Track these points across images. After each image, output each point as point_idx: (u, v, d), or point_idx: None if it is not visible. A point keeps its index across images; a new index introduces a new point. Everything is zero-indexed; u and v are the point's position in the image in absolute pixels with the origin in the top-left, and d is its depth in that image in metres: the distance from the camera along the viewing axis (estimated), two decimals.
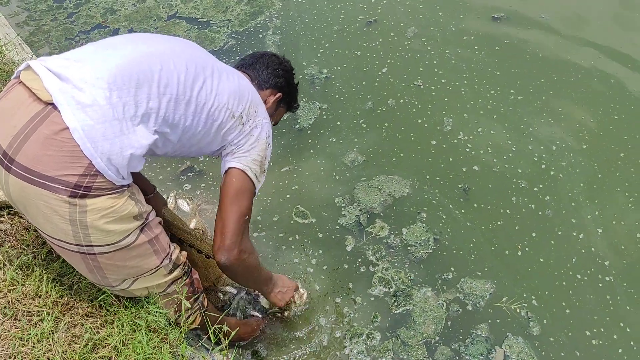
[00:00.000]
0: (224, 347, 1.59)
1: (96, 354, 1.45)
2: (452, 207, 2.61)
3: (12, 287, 1.52)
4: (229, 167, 1.55)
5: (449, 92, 3.19)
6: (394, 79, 3.29)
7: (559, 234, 2.50)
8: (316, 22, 3.74)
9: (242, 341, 2.08)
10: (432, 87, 3.22)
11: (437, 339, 2.15)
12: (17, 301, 1.49)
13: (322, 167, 2.82)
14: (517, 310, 2.23)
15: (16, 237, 1.68)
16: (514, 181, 2.72)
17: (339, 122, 3.04)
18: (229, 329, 1.64)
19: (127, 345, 1.49)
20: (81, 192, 1.22)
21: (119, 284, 1.45)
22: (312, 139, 2.97)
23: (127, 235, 1.33)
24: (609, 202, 2.62)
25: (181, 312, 1.58)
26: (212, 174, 2.79)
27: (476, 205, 2.62)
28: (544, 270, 2.37)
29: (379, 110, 3.11)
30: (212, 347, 1.72)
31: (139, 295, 1.53)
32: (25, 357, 1.37)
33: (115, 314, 1.55)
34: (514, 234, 2.50)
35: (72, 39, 3.64)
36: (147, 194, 1.85)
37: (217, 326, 1.66)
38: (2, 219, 1.73)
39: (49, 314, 1.48)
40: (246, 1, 3.95)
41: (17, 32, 3.56)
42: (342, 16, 3.78)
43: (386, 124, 3.03)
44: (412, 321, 2.20)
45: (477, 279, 2.33)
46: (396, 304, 2.26)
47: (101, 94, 1.24)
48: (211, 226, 2.44)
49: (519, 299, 2.27)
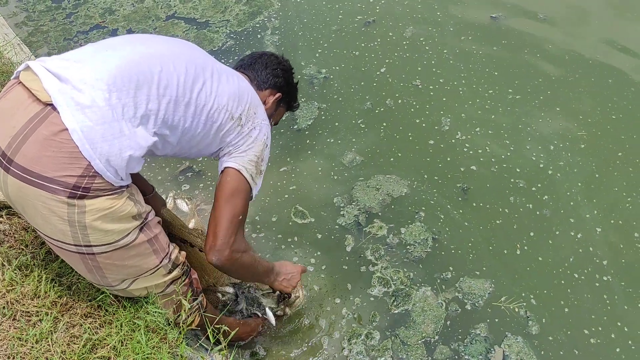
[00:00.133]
0: (223, 347, 1.59)
1: (95, 354, 1.45)
2: (450, 206, 2.62)
3: (11, 288, 1.52)
4: (225, 167, 1.55)
5: (447, 91, 3.20)
6: (392, 79, 3.30)
7: (557, 233, 2.50)
8: (315, 22, 3.75)
9: (241, 341, 2.08)
10: (430, 87, 3.23)
11: (437, 338, 2.15)
12: (16, 301, 1.49)
13: (321, 167, 2.82)
14: (515, 309, 2.24)
15: (15, 237, 1.68)
16: (512, 181, 2.72)
17: (337, 123, 3.05)
18: (227, 328, 1.64)
19: (126, 345, 1.50)
20: (80, 193, 1.22)
21: (119, 284, 1.45)
22: (310, 140, 2.97)
23: (126, 234, 1.33)
24: (607, 202, 2.63)
25: (180, 312, 1.59)
26: (211, 174, 2.80)
27: (474, 204, 2.63)
28: (542, 269, 2.37)
29: (377, 110, 3.11)
30: (211, 347, 1.72)
31: (138, 295, 1.53)
32: (24, 358, 1.37)
33: (114, 314, 1.55)
34: (512, 233, 2.51)
35: (71, 39, 3.64)
36: (145, 195, 1.85)
37: (216, 326, 1.66)
38: (1, 219, 1.73)
39: (47, 314, 1.48)
40: (245, 1, 3.95)
41: (15, 32, 3.56)
42: (340, 16, 3.78)
43: (384, 124, 3.03)
44: (411, 321, 2.20)
45: (475, 278, 2.34)
46: (395, 303, 2.26)
47: (100, 95, 1.24)
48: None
49: (517, 298, 2.27)
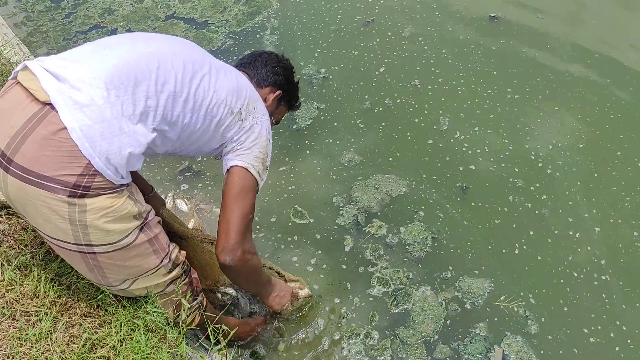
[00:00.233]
0: (222, 347, 1.59)
1: (94, 353, 1.45)
2: (449, 206, 2.62)
3: (11, 287, 1.52)
4: (231, 166, 1.54)
5: (445, 91, 3.20)
6: (391, 79, 3.30)
7: (556, 232, 2.51)
8: (314, 22, 3.75)
9: (240, 341, 2.08)
10: (429, 87, 3.23)
11: (436, 337, 2.16)
12: (16, 301, 1.49)
13: (320, 167, 2.82)
14: (514, 308, 2.24)
15: (14, 237, 1.68)
16: (511, 180, 2.72)
17: (336, 123, 3.05)
18: (227, 328, 1.64)
19: (125, 345, 1.49)
20: (80, 192, 1.22)
21: (119, 284, 1.45)
22: (309, 139, 2.97)
23: (127, 234, 1.33)
24: (605, 201, 2.63)
25: (180, 311, 1.59)
26: (210, 174, 2.80)
27: (473, 204, 2.63)
28: (541, 268, 2.38)
29: (376, 109, 3.12)
30: (211, 346, 1.72)
31: (138, 295, 1.53)
32: (23, 357, 1.37)
33: (113, 313, 1.55)
34: (511, 232, 2.51)
35: (70, 39, 3.64)
36: (145, 195, 1.84)
37: (215, 325, 1.66)
38: (0, 219, 1.73)
39: (47, 314, 1.48)
40: (244, 1, 3.95)
41: (14, 32, 3.56)
42: (339, 16, 3.79)
43: (383, 124, 3.04)
44: (411, 320, 2.20)
45: (475, 277, 2.34)
46: (395, 303, 2.26)
47: (99, 93, 1.24)
48: (209, 226, 2.44)
49: (516, 298, 2.27)
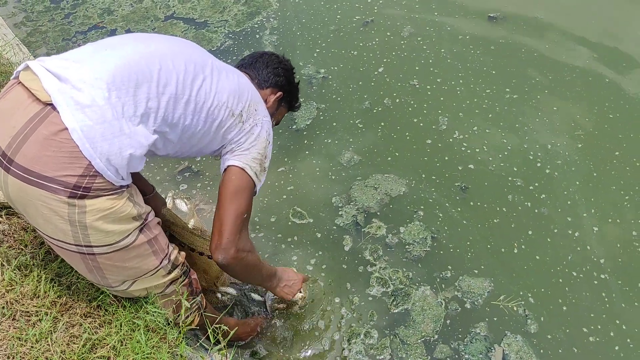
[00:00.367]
0: (222, 347, 1.59)
1: (95, 353, 1.45)
2: (448, 205, 2.62)
3: (11, 288, 1.52)
4: (228, 165, 1.54)
5: (444, 91, 3.21)
6: (390, 79, 3.30)
7: (555, 232, 2.51)
8: (313, 22, 3.75)
9: (240, 341, 2.08)
10: (428, 87, 3.24)
11: (436, 337, 2.16)
12: (16, 301, 1.49)
13: (319, 167, 2.83)
14: (514, 308, 2.25)
15: (14, 237, 1.68)
16: (510, 179, 2.73)
17: (335, 123, 3.05)
18: (227, 328, 1.64)
19: (125, 345, 1.50)
20: (80, 193, 1.22)
21: (119, 285, 1.45)
22: (308, 140, 2.97)
23: (127, 235, 1.33)
24: (604, 201, 2.64)
25: (180, 312, 1.59)
26: (209, 174, 2.80)
27: (472, 203, 2.63)
28: (540, 267, 2.38)
29: (375, 109, 3.12)
30: (211, 347, 1.72)
31: (137, 295, 1.53)
32: (23, 357, 1.37)
33: (113, 313, 1.55)
34: (510, 232, 2.52)
35: (70, 39, 3.64)
36: (146, 195, 1.85)
37: (215, 326, 1.67)
38: (0, 219, 1.73)
39: (47, 314, 1.48)
40: (243, 1, 3.95)
41: (14, 32, 3.56)
42: (338, 16, 3.79)
43: (382, 124, 3.04)
44: (411, 320, 2.21)
45: (474, 277, 2.34)
46: (394, 303, 2.26)
47: (100, 94, 1.24)
48: (209, 226, 2.44)
49: (515, 297, 2.28)
